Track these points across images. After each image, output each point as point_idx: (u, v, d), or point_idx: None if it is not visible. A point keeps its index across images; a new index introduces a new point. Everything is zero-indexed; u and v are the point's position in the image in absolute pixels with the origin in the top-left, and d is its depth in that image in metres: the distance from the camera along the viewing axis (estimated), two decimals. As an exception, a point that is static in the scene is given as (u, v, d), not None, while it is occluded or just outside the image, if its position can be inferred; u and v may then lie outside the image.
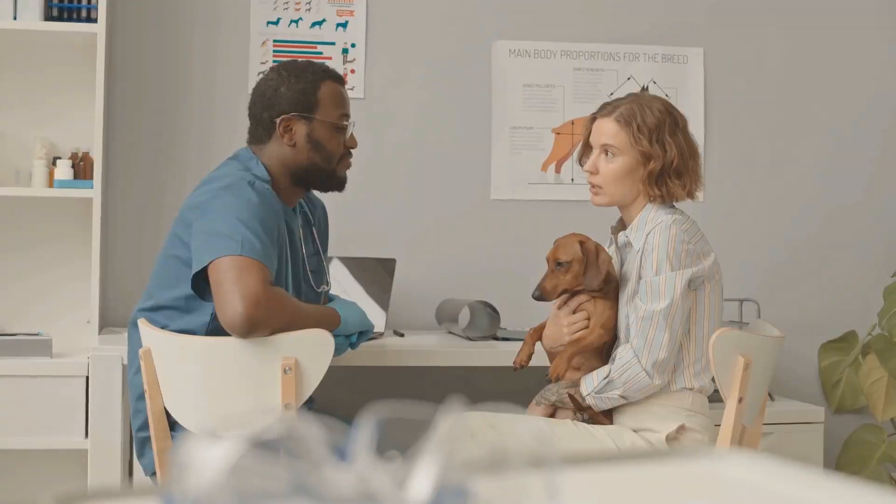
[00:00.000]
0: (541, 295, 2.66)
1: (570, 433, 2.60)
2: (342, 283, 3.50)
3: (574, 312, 2.66)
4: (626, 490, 0.86)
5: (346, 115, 2.74)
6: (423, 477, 0.57)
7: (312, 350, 2.40)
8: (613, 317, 2.66)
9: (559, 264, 2.64)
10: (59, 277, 3.62)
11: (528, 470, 0.63)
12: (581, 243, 2.64)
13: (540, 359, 3.14)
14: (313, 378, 2.41)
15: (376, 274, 3.54)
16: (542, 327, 2.75)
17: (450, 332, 3.58)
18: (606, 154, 2.66)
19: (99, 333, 3.40)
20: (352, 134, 2.75)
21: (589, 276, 2.62)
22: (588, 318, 2.65)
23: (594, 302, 2.65)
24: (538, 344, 2.75)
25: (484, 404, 2.49)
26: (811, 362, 4.09)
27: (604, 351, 2.69)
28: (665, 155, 2.61)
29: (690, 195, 2.67)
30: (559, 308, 2.70)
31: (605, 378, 2.59)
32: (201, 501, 0.56)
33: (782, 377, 4.00)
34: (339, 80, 2.75)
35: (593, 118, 2.71)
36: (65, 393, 3.22)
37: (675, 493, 0.86)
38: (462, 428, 0.64)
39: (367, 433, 0.60)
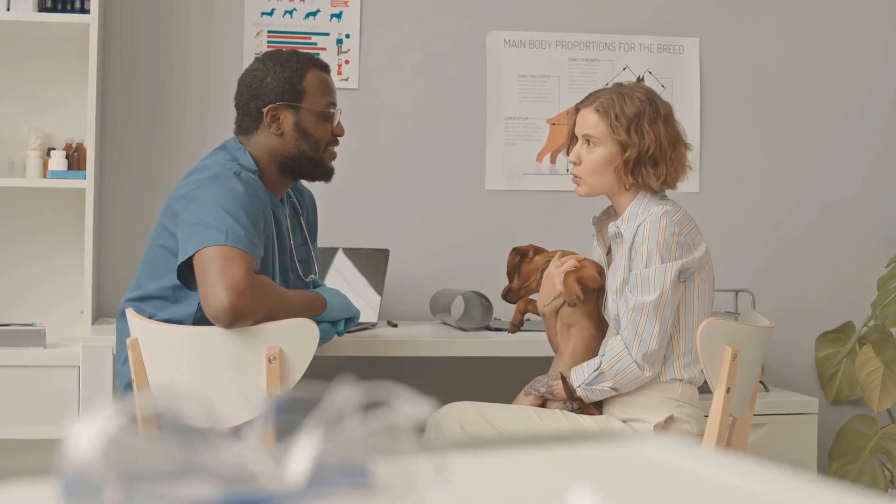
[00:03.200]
0: (504, 296, 2.92)
1: (559, 423, 2.59)
2: (342, 273, 3.50)
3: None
4: (533, 473, 0.86)
5: (333, 103, 2.74)
6: (301, 456, 0.57)
7: (297, 339, 2.41)
8: (599, 276, 2.71)
9: None
10: (53, 268, 3.63)
11: (421, 452, 0.63)
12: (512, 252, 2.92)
13: (531, 351, 3.14)
14: (298, 367, 2.41)
15: (370, 264, 3.54)
16: (532, 300, 2.85)
17: (444, 323, 3.57)
18: (588, 144, 2.65)
19: (92, 324, 3.41)
20: (339, 122, 2.75)
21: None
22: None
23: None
24: (537, 328, 2.81)
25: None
26: (806, 353, 4.07)
27: (597, 341, 2.71)
28: (641, 143, 2.60)
29: (667, 184, 2.65)
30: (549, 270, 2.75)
31: (595, 370, 2.58)
32: (83, 481, 0.56)
33: (777, 368, 3.99)
34: (325, 68, 2.75)
35: (577, 109, 2.70)
36: (58, 383, 3.23)
37: (586, 475, 0.86)
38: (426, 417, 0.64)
39: (265, 415, 0.60)
